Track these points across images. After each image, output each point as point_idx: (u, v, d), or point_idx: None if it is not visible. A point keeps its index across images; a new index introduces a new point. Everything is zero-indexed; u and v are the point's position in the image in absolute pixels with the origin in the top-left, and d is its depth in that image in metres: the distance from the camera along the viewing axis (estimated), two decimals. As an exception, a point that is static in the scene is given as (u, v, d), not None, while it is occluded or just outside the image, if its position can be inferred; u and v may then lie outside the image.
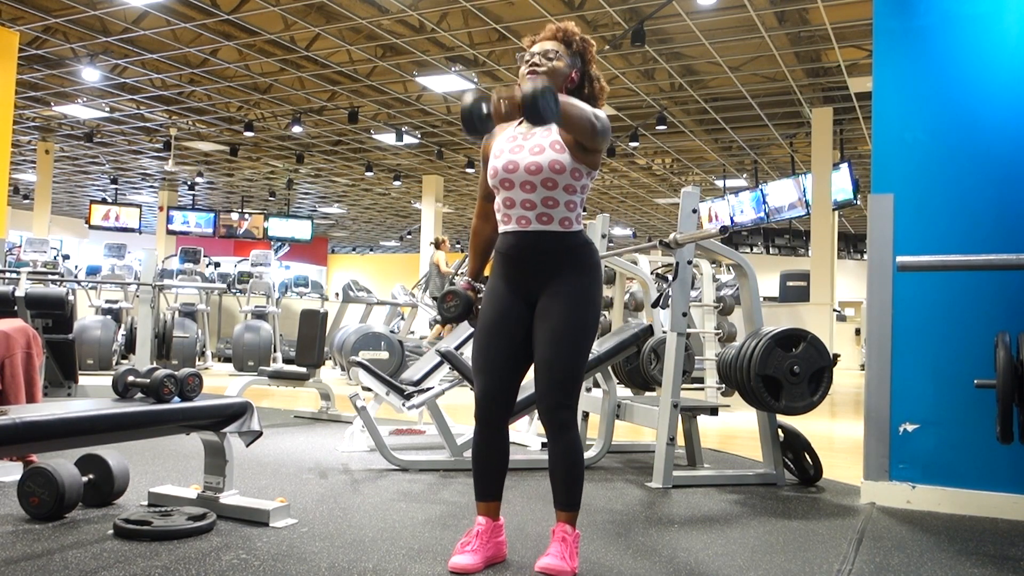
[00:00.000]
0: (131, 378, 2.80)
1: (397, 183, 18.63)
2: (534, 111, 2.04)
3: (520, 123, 2.46)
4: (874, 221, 3.60)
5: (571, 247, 2.37)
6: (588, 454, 4.25)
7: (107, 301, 11.00)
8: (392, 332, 9.99)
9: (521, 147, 2.39)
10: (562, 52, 2.41)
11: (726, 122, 13.13)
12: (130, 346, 9.86)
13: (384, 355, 8.84)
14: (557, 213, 2.36)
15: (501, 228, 2.44)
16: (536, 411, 2.40)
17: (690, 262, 3.87)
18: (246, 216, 20.10)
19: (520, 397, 3.67)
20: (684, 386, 3.94)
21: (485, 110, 2.09)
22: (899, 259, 2.95)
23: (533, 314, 2.40)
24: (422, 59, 10.62)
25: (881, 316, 3.56)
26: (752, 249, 18.17)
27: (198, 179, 19.45)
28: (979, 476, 3.37)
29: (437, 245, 11.33)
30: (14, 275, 6.26)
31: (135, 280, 10.37)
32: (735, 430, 5.96)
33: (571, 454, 2.34)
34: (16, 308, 5.15)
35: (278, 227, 20.05)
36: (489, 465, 2.46)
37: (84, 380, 6.11)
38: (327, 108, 13.35)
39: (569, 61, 2.42)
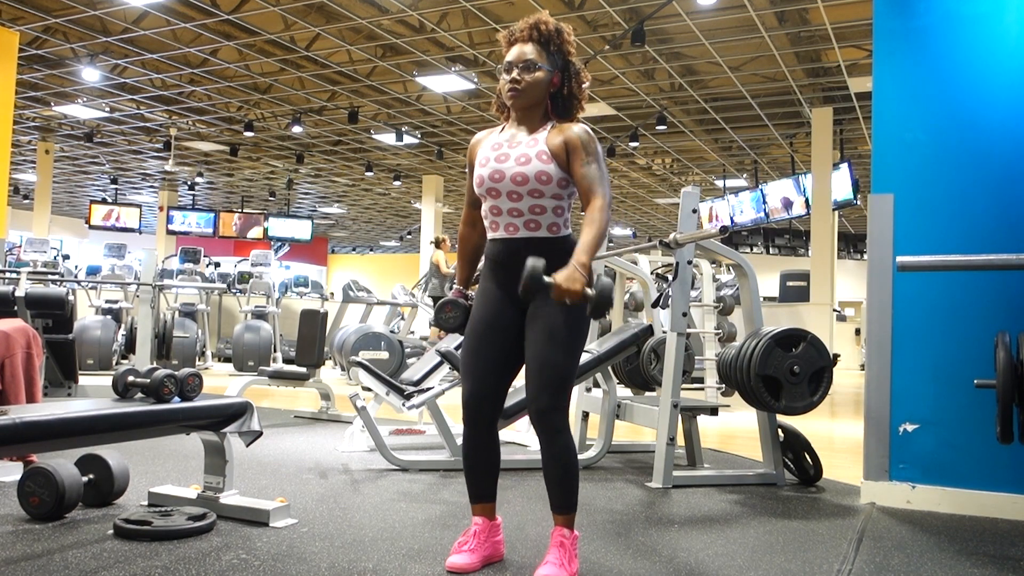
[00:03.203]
0: (131, 378, 2.80)
1: (397, 183, 18.63)
2: (600, 310, 2.18)
3: (503, 130, 2.46)
4: (874, 221, 3.60)
5: (560, 251, 2.36)
6: (588, 454, 4.25)
7: (107, 301, 11.00)
8: (392, 332, 9.99)
9: (507, 156, 2.38)
10: (540, 59, 2.37)
11: (726, 122, 13.13)
12: (130, 346, 9.86)
13: (384, 355, 8.84)
14: (545, 219, 2.37)
15: (490, 235, 2.44)
16: (527, 414, 2.39)
17: (690, 262, 3.87)
18: (242, 213, 20.10)
19: (518, 398, 3.69)
20: (684, 386, 3.94)
21: (546, 281, 2.15)
22: (899, 259, 2.95)
23: (523, 317, 2.40)
24: (422, 59, 10.62)
25: (881, 316, 3.56)
26: (752, 249, 18.16)
27: (198, 179, 19.44)
28: (979, 476, 3.37)
29: (437, 244, 11.31)
30: (14, 275, 6.26)
31: (135, 280, 10.37)
32: (735, 430, 5.96)
33: (564, 457, 2.33)
34: (16, 308, 5.15)
35: (278, 227, 20.04)
36: (480, 467, 2.46)
37: (84, 380, 6.11)
38: (327, 108, 13.35)
39: (548, 67, 2.38)
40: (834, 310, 12.52)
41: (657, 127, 12.68)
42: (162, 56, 10.94)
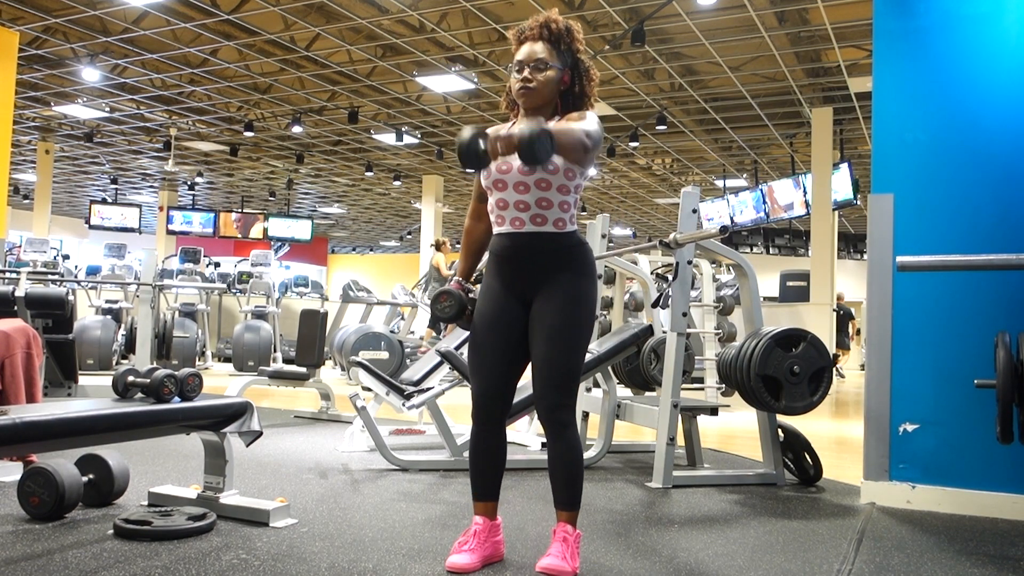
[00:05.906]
0: (131, 378, 2.80)
1: (397, 183, 18.63)
2: (529, 155, 2.05)
3: (513, 124, 2.47)
4: (874, 221, 3.61)
5: (566, 247, 2.38)
6: (588, 454, 4.25)
7: (107, 301, 11.01)
8: (392, 332, 9.99)
9: None
10: (551, 58, 2.38)
11: (726, 122, 13.12)
12: (130, 346, 9.87)
13: (384, 355, 8.84)
14: (551, 214, 2.36)
15: (496, 229, 2.44)
16: (535, 411, 2.40)
17: (690, 262, 3.87)
18: (242, 213, 20.10)
19: (519, 397, 3.69)
20: (684, 386, 3.94)
21: (482, 146, 2.11)
22: (899, 259, 2.95)
23: (528, 314, 2.40)
24: (422, 59, 10.62)
25: (881, 316, 3.56)
26: (752, 249, 18.15)
27: (198, 179, 19.44)
28: (979, 476, 3.37)
29: (438, 247, 11.32)
30: (14, 275, 6.26)
31: (135, 280, 10.37)
32: (735, 430, 5.96)
33: (571, 454, 2.34)
34: (16, 308, 5.15)
35: (278, 227, 20.03)
36: (487, 465, 2.46)
37: (84, 380, 6.11)
38: (327, 108, 13.35)
39: (559, 65, 2.40)
40: (834, 310, 12.52)
41: (657, 127, 12.68)
42: (162, 56, 10.94)
